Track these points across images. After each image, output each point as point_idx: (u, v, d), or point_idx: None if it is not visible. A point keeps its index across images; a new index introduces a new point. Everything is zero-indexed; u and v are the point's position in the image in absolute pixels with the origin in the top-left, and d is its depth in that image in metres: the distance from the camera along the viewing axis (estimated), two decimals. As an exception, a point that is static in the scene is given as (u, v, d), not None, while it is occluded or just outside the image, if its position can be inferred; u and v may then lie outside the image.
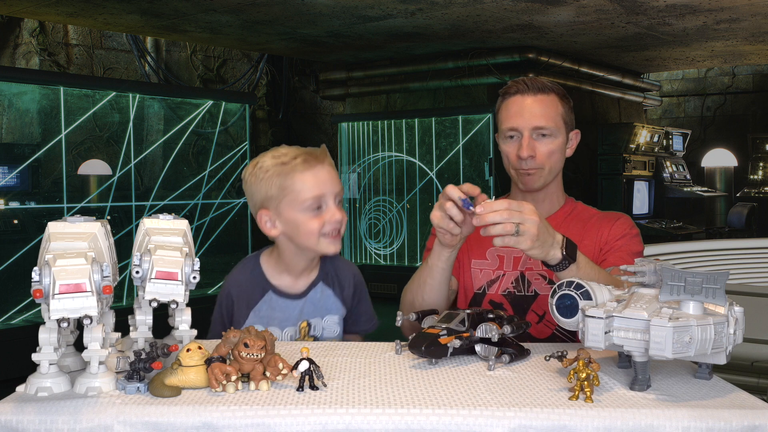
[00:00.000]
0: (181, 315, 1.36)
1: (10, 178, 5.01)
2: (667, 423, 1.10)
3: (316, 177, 1.66)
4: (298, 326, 1.76)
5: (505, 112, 1.85)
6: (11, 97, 5.58)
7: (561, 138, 1.85)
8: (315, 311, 1.79)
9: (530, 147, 1.80)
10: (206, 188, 5.92)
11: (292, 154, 1.68)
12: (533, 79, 1.85)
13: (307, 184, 1.65)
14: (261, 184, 1.69)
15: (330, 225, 1.68)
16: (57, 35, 6.28)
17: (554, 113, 1.82)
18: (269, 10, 5.40)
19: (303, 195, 1.65)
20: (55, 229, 1.21)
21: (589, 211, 1.94)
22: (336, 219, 1.68)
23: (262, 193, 1.69)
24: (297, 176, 1.65)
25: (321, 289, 1.80)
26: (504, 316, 1.46)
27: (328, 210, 1.68)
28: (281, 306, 1.75)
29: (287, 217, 1.68)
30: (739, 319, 1.25)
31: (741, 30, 6.12)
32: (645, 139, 7.69)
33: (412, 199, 7.46)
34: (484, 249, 1.91)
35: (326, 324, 1.79)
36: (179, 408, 1.12)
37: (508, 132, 1.84)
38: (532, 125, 1.80)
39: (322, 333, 1.79)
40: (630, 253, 1.79)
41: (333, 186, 1.69)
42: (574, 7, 5.31)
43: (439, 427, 1.09)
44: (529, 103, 1.81)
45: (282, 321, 1.74)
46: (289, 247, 1.73)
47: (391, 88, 7.74)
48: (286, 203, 1.67)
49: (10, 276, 4.70)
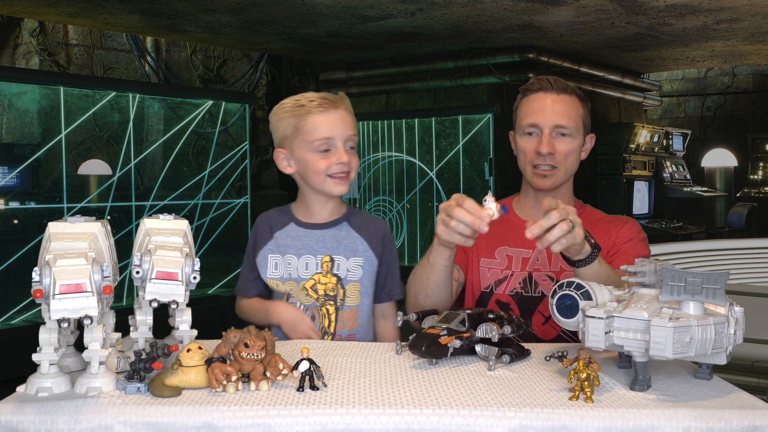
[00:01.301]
0: (182, 315, 1.36)
1: (10, 178, 5.01)
2: (668, 423, 1.10)
3: (327, 120, 1.75)
4: (319, 259, 1.79)
5: (526, 108, 1.85)
6: (11, 97, 5.58)
7: (579, 139, 1.85)
8: (339, 248, 1.81)
9: (550, 144, 1.80)
10: (206, 188, 5.92)
11: (311, 98, 1.77)
12: (556, 79, 1.86)
13: (318, 125, 1.74)
14: (280, 123, 1.80)
15: (337, 167, 1.75)
16: (57, 35, 6.28)
17: (575, 114, 1.83)
18: (269, 10, 5.40)
19: (313, 135, 1.74)
20: (55, 229, 1.21)
21: (597, 214, 1.94)
22: (343, 161, 1.75)
23: (280, 132, 1.80)
24: (310, 118, 1.75)
25: (346, 228, 1.84)
26: (504, 316, 1.46)
27: (337, 152, 1.75)
28: (300, 234, 1.82)
29: (299, 156, 1.78)
30: (739, 319, 1.25)
31: (741, 30, 6.12)
32: (645, 139, 7.69)
33: (412, 199, 7.46)
34: (493, 248, 1.91)
35: (351, 265, 1.80)
36: (179, 408, 1.12)
37: (527, 128, 1.84)
38: (554, 123, 1.81)
39: (346, 275, 1.79)
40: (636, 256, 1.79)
41: (344, 130, 1.76)
42: (574, 7, 5.31)
43: (439, 427, 1.09)
44: (551, 102, 1.82)
45: (299, 249, 1.80)
46: (306, 188, 1.83)
47: (391, 88, 7.74)
48: (298, 143, 1.77)
49: (10, 276, 4.70)
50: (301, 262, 1.79)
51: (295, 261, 1.79)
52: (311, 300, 1.78)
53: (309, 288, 1.78)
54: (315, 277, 1.78)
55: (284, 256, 1.80)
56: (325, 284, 1.79)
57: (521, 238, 1.86)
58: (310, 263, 1.79)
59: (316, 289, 1.78)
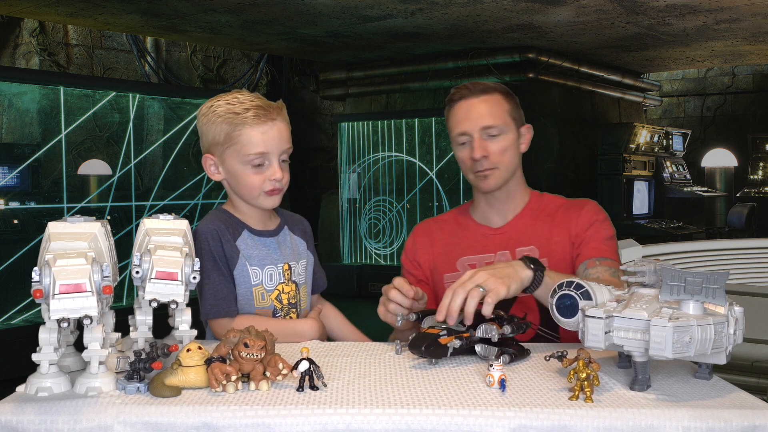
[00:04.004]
0: (181, 315, 1.36)
1: (10, 178, 5.01)
2: (667, 423, 1.10)
3: (263, 134, 1.66)
4: (280, 268, 1.75)
5: (453, 119, 1.86)
6: (11, 97, 5.57)
7: (511, 134, 1.85)
8: (291, 254, 1.79)
9: (482, 147, 1.81)
10: (206, 188, 5.91)
11: (246, 106, 1.66)
12: (475, 83, 1.86)
13: (253, 139, 1.65)
14: (210, 128, 1.69)
15: (270, 183, 1.68)
16: (57, 35, 6.28)
17: (500, 111, 1.83)
18: (269, 10, 5.40)
19: (247, 149, 1.65)
20: (55, 229, 1.21)
21: (556, 201, 1.92)
22: (276, 177, 1.68)
23: (210, 137, 1.69)
24: (245, 130, 1.65)
25: (288, 233, 1.82)
26: (504, 316, 1.46)
27: (271, 167, 1.68)
28: (257, 244, 1.74)
29: (230, 166, 1.69)
30: (739, 319, 1.25)
31: (741, 30, 6.12)
32: (645, 139, 7.69)
33: (412, 199, 7.46)
34: (453, 261, 1.90)
35: (300, 269, 1.80)
36: (179, 408, 1.12)
37: (459, 138, 1.85)
38: (480, 125, 1.81)
39: (299, 279, 1.79)
40: (602, 240, 1.80)
41: (279, 145, 1.68)
42: (574, 7, 5.31)
43: (439, 427, 1.09)
44: (475, 105, 1.82)
45: (262, 259, 1.72)
46: (235, 197, 1.75)
47: (391, 88, 7.74)
48: (230, 152, 1.68)
49: (10, 276, 4.70)
50: (266, 273, 1.73)
51: (260, 272, 1.72)
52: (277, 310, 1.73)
53: (274, 299, 1.73)
54: (279, 287, 1.74)
55: (251, 267, 1.72)
56: (288, 293, 1.75)
57: (481, 244, 1.88)
58: (274, 273, 1.74)
59: (280, 299, 1.74)
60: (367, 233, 7.66)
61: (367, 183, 7.68)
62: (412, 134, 7.45)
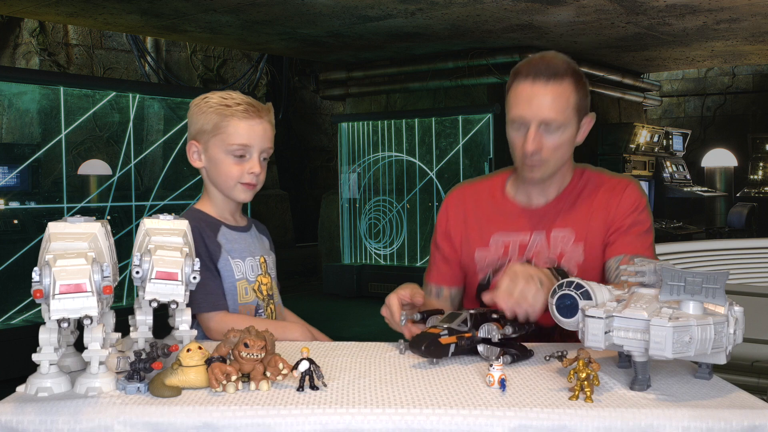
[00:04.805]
0: (181, 315, 1.36)
1: (10, 178, 5.01)
2: (667, 423, 1.10)
3: (249, 128, 1.75)
4: (257, 261, 1.83)
5: (513, 97, 1.73)
6: (11, 97, 5.58)
7: (571, 129, 1.73)
8: (263, 249, 1.89)
9: (536, 141, 1.69)
10: (206, 188, 5.91)
11: (238, 101, 1.77)
12: (548, 62, 1.72)
13: (239, 130, 1.75)
14: (201, 116, 1.78)
15: (248, 176, 1.77)
16: (57, 35, 6.28)
17: (564, 105, 1.69)
18: (269, 10, 5.40)
19: (232, 139, 1.75)
20: (55, 229, 1.21)
21: (598, 179, 1.84)
22: (254, 171, 1.77)
23: (199, 125, 1.79)
24: (233, 121, 1.75)
25: (255, 230, 1.91)
26: (506, 316, 1.46)
27: (251, 161, 1.77)
28: (236, 237, 1.82)
29: (212, 154, 1.78)
30: (739, 319, 1.25)
31: (741, 30, 6.12)
32: (645, 139, 7.69)
33: (412, 199, 7.46)
34: (486, 237, 1.84)
35: (271, 264, 1.89)
36: (179, 408, 1.12)
37: (515, 120, 1.73)
38: (540, 118, 1.68)
39: (272, 273, 1.88)
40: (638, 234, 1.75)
41: (262, 141, 1.77)
42: (574, 7, 5.31)
43: (439, 427, 1.09)
44: (539, 93, 1.68)
45: (242, 252, 1.81)
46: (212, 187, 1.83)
47: (391, 88, 7.74)
48: (215, 141, 1.76)
49: (10, 276, 4.70)
50: (247, 264, 1.81)
51: (242, 265, 1.80)
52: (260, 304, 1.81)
53: (257, 290, 1.80)
54: (258, 279, 1.82)
55: (234, 260, 1.78)
56: (266, 284, 1.83)
57: (517, 222, 1.82)
58: (254, 265, 1.82)
59: (261, 291, 1.81)
60: (367, 233, 7.66)
61: (367, 183, 7.68)
62: (412, 134, 7.45)
